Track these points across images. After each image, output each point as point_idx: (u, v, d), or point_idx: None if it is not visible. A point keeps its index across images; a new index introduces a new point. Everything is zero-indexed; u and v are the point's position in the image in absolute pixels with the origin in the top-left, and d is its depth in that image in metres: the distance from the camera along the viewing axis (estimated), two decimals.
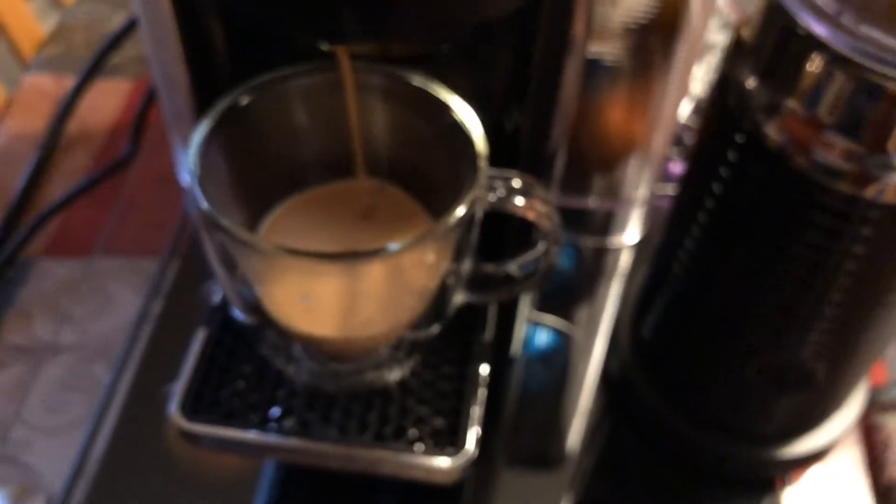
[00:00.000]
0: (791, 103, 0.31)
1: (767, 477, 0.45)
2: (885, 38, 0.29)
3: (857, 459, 0.48)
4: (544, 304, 0.52)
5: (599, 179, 0.49)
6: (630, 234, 0.54)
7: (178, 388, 0.35)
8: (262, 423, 0.35)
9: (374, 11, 0.27)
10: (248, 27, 0.32)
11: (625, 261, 0.55)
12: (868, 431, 0.49)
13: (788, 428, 0.43)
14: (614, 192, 0.50)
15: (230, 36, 0.35)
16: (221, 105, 0.32)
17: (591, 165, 0.48)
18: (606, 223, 0.53)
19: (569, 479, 0.46)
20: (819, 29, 0.29)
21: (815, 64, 0.30)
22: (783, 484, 0.46)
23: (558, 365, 0.50)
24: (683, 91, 0.45)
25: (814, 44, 0.29)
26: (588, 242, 0.54)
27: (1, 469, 0.46)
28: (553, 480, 0.46)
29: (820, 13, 0.29)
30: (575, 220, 0.53)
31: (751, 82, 0.32)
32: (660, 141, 0.47)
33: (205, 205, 0.29)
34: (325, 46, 0.31)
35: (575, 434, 0.47)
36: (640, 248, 0.55)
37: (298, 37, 0.30)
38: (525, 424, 0.47)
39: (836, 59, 0.29)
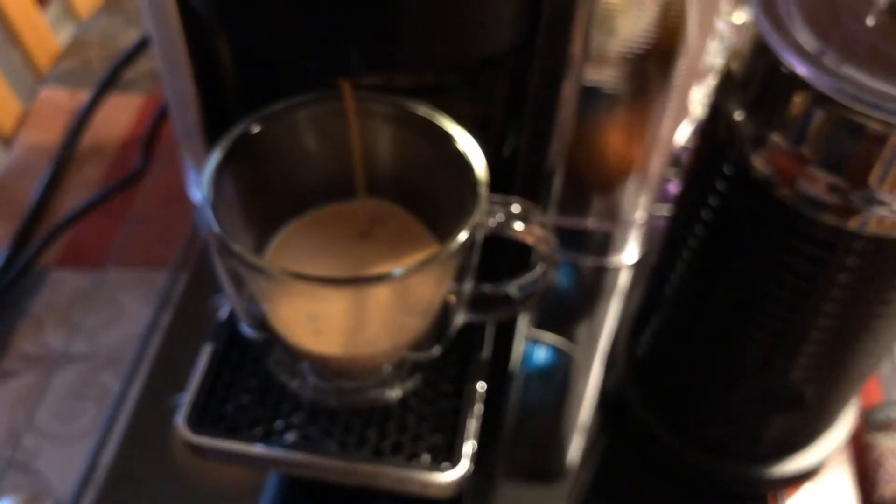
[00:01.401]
0: (776, 138, 0.32)
1: (760, 494, 0.47)
2: (866, 79, 0.30)
3: (850, 478, 0.49)
4: (544, 323, 0.53)
5: (598, 201, 0.50)
6: (628, 253, 0.55)
7: (185, 402, 0.36)
8: (266, 437, 0.36)
9: (377, 48, 0.28)
10: (254, 54, 0.33)
11: (623, 280, 0.56)
12: (861, 451, 0.50)
13: (779, 446, 0.44)
14: (613, 214, 0.51)
15: (238, 58, 0.36)
16: (233, 134, 0.33)
17: (589, 187, 0.49)
18: (605, 243, 0.54)
19: (565, 494, 0.47)
20: (802, 69, 0.30)
21: (798, 102, 0.31)
22: (775, 501, 0.47)
23: (557, 382, 0.51)
24: (682, 114, 0.47)
25: (797, 83, 0.30)
26: (587, 262, 0.55)
27: (12, 476, 0.47)
28: (550, 495, 0.47)
29: (803, 53, 0.30)
30: (574, 239, 0.54)
31: (738, 115, 0.34)
32: (657, 163, 0.48)
33: (217, 230, 0.31)
34: (331, 79, 0.32)
35: (572, 450, 0.48)
36: (637, 267, 0.56)
37: (303, 68, 0.31)
38: (523, 440, 0.49)
39: (818, 99, 0.30)
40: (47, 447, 0.49)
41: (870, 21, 0.32)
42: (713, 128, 0.35)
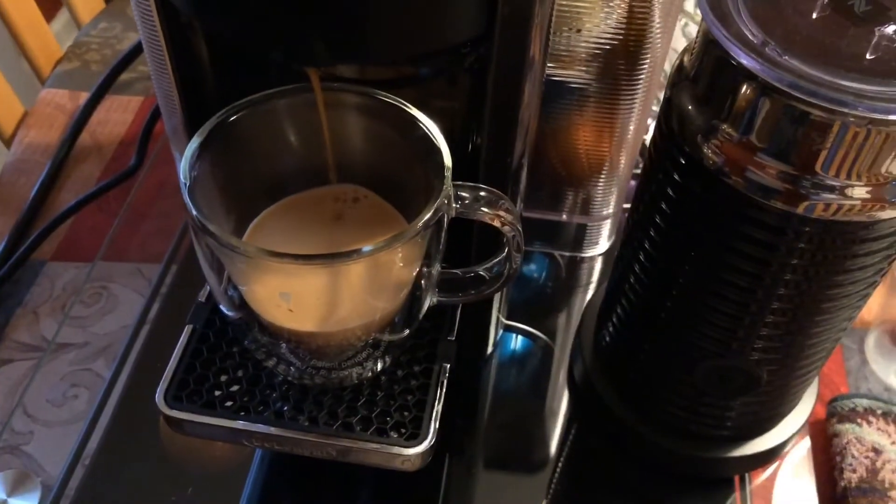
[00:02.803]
0: (726, 128, 0.34)
1: (724, 476, 0.48)
2: (808, 69, 0.31)
3: (815, 464, 0.50)
4: (520, 311, 0.55)
5: (570, 194, 0.52)
6: (601, 245, 0.57)
7: (164, 378, 0.38)
8: (240, 412, 0.38)
9: (341, 39, 0.30)
10: (229, 49, 0.35)
11: (597, 269, 0.57)
12: (827, 439, 0.52)
13: (742, 429, 0.45)
14: (585, 207, 0.53)
15: (216, 60, 0.38)
16: (210, 123, 0.35)
17: (561, 182, 0.51)
18: (579, 234, 0.56)
19: (539, 477, 0.48)
20: (746, 60, 0.32)
21: (745, 92, 0.33)
22: (741, 483, 0.48)
23: (532, 369, 0.53)
24: (647, 110, 0.48)
25: (743, 74, 0.32)
26: (562, 252, 0.57)
27: (3, 457, 0.49)
28: (524, 479, 0.48)
29: (748, 45, 0.32)
30: (548, 230, 0.56)
31: (690, 107, 0.35)
32: (627, 158, 0.50)
33: (194, 212, 0.32)
34: (297, 67, 0.34)
35: (544, 434, 0.50)
36: (606, 257, 0.58)
37: (272, 58, 0.33)
38: (498, 424, 0.50)
39: (763, 89, 0.32)
40: (38, 431, 0.50)
41: (813, 14, 0.33)
42: (667, 119, 0.36)
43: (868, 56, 0.32)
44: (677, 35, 0.70)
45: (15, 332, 0.56)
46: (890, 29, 0.32)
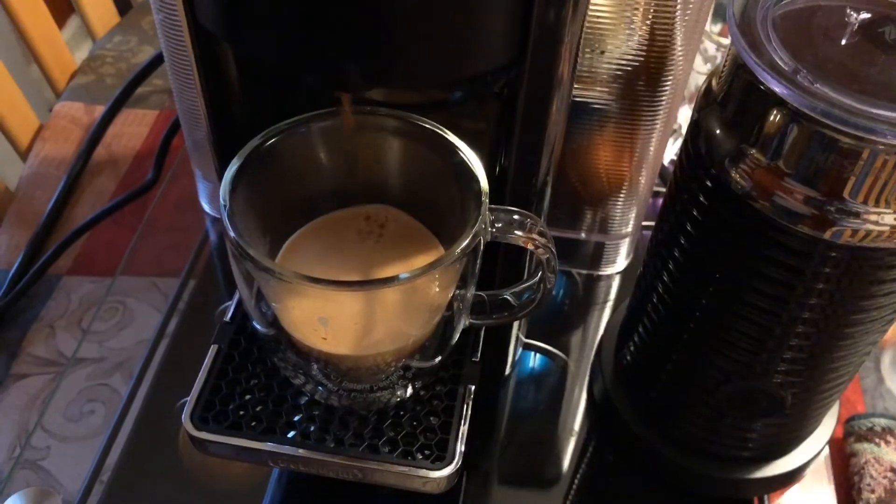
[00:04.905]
0: (754, 152, 0.34)
1: (744, 497, 0.48)
2: (838, 96, 0.31)
3: (834, 484, 0.50)
4: (538, 330, 0.55)
5: (590, 213, 0.52)
6: (619, 263, 0.57)
7: (190, 399, 0.38)
8: (266, 433, 0.38)
9: (373, 66, 0.31)
10: (259, 70, 0.35)
11: (615, 287, 0.57)
12: (845, 459, 0.52)
13: (763, 450, 0.45)
14: (604, 226, 0.53)
15: (245, 75, 0.38)
16: (247, 147, 0.35)
17: (581, 201, 0.51)
18: (597, 252, 0.56)
19: (556, 496, 0.48)
20: (777, 87, 0.32)
21: (774, 118, 0.33)
22: None
23: (550, 387, 0.53)
24: (669, 131, 0.48)
25: (773, 100, 0.32)
26: (580, 269, 0.57)
27: (21, 473, 0.49)
28: (541, 497, 0.48)
29: (779, 72, 0.32)
30: (568, 248, 0.56)
31: (718, 130, 0.35)
32: (647, 178, 0.50)
33: (234, 236, 0.33)
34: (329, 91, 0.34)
35: (564, 454, 0.50)
36: (625, 275, 0.58)
37: (306, 84, 0.33)
38: (517, 444, 0.50)
39: (793, 115, 0.32)
40: (56, 447, 0.50)
41: (843, 41, 0.34)
42: (694, 142, 0.37)
43: None
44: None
45: (31, 347, 0.56)
46: None
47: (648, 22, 0.42)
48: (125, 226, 0.63)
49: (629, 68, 0.44)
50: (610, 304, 0.57)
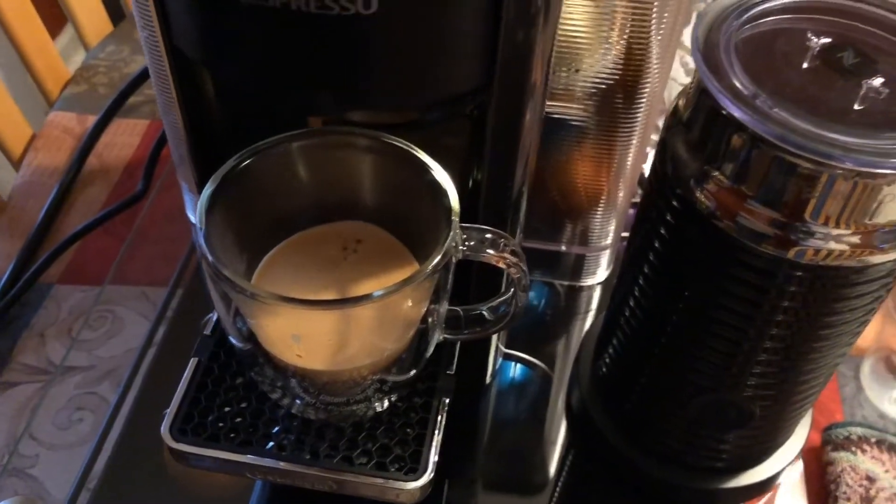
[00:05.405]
0: (717, 174, 0.35)
1: None
2: (797, 121, 0.32)
3: (809, 493, 0.51)
4: (519, 339, 0.56)
5: (569, 226, 0.53)
6: (599, 274, 0.58)
7: (169, 411, 0.39)
8: (244, 445, 0.39)
9: (345, 91, 0.31)
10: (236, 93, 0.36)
11: (596, 298, 0.58)
12: (821, 467, 0.52)
13: (735, 460, 0.46)
14: (583, 238, 0.54)
15: (222, 95, 0.39)
16: (223, 169, 0.36)
17: (561, 214, 0.52)
18: (578, 264, 0.57)
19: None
20: (737, 111, 0.32)
21: (735, 142, 0.33)
22: None
23: (531, 398, 0.54)
24: (645, 143, 0.49)
25: (734, 124, 0.33)
26: (561, 281, 0.58)
27: (9, 481, 0.50)
28: None
29: (738, 96, 0.33)
30: (548, 260, 0.57)
31: (683, 151, 0.36)
32: (624, 191, 0.51)
33: (210, 258, 0.33)
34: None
35: (543, 462, 0.51)
36: (606, 286, 0.59)
37: (279, 109, 0.34)
38: (497, 451, 0.51)
39: (753, 140, 0.33)
40: (44, 455, 0.51)
41: (803, 66, 0.34)
42: (661, 162, 0.37)
43: (856, 107, 0.33)
44: (675, 65, 0.71)
45: (21, 355, 0.57)
46: (877, 81, 0.33)
47: (624, 39, 0.43)
48: (116, 235, 0.64)
49: (604, 85, 0.45)
50: (591, 315, 0.58)
